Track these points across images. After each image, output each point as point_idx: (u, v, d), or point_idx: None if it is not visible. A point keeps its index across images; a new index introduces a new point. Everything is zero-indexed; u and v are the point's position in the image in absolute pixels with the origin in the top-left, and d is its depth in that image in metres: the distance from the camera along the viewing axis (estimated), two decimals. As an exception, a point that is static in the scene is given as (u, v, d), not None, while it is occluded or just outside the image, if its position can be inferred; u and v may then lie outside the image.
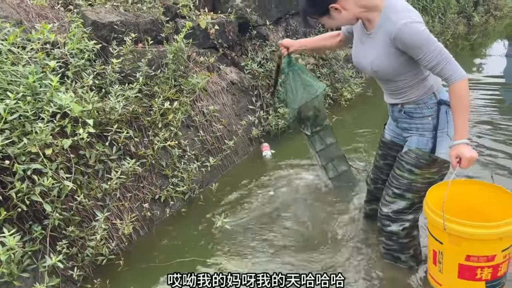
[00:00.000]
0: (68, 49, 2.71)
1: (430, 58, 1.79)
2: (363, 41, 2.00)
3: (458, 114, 1.84)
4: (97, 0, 3.42)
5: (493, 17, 10.94)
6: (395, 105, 2.14)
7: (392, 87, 2.05)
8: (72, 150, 2.44)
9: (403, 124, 2.16)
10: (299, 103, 2.86)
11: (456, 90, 1.82)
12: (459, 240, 1.86)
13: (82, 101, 2.57)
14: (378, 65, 1.93)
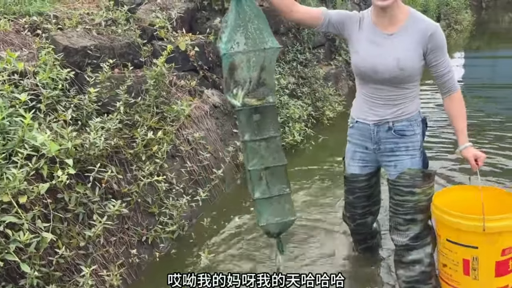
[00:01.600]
0: (40, 79, 2.42)
1: (447, 64, 1.92)
2: (378, 43, 1.92)
3: (462, 119, 1.99)
4: (67, 24, 3.14)
5: (454, 31, 11.32)
6: (382, 124, 2.01)
7: (396, 95, 1.97)
8: (48, 194, 2.14)
9: (388, 145, 2.04)
10: (236, 48, 1.87)
11: (459, 98, 1.98)
12: (496, 237, 1.87)
13: (58, 137, 2.28)
14: (406, 61, 1.88)
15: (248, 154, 1.99)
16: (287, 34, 5.38)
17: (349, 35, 2.01)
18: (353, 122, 2.14)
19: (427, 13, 9.84)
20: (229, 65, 1.89)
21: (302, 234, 2.89)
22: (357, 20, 1.99)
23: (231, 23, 1.87)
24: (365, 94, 2.04)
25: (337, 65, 6.19)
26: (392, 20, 1.90)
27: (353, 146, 2.17)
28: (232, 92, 1.91)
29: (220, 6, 4.13)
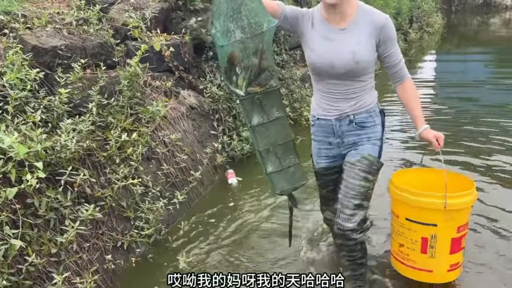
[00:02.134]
0: (7, 79, 2.31)
1: (398, 53, 1.98)
2: (331, 38, 1.93)
3: (417, 103, 2.07)
4: (36, 23, 3.03)
5: (426, 33, 11.58)
6: (343, 118, 2.04)
7: (353, 89, 2.00)
8: (17, 199, 2.05)
9: (351, 138, 2.07)
10: (233, 37, 1.77)
11: (412, 85, 2.06)
12: (454, 214, 1.94)
13: (27, 140, 2.18)
14: (361, 54, 1.90)
15: (257, 137, 1.99)
16: (264, 36, 5.36)
17: (302, 32, 2.00)
18: (314, 120, 2.14)
19: (400, 15, 10.04)
20: (228, 57, 1.81)
21: (275, 237, 2.86)
22: (309, 17, 1.98)
23: (223, 10, 1.74)
24: (323, 90, 2.04)
25: (314, 67, 6.20)
26: (342, 16, 1.92)
27: (317, 143, 2.18)
28: (235, 83, 1.86)
29: (196, 7, 4.07)
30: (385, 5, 8.73)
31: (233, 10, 1.74)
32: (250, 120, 1.96)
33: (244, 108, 1.96)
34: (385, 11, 8.70)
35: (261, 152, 2.01)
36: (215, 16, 1.77)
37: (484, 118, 5.34)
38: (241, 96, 1.88)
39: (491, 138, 4.55)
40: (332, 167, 2.17)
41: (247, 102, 1.92)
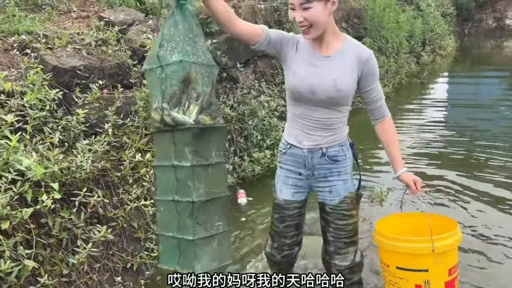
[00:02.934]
0: (28, 100, 2.37)
1: (379, 90, 2.00)
2: (315, 64, 1.91)
3: (396, 145, 2.08)
4: (57, 43, 3.11)
5: (439, 56, 11.58)
6: (316, 151, 2.00)
7: (329, 118, 1.97)
8: (32, 218, 2.07)
9: (322, 171, 2.03)
10: (192, 58, 1.62)
11: (391, 123, 2.07)
12: (442, 257, 1.92)
13: (44, 160, 2.22)
14: (343, 83, 1.89)
15: (194, 181, 1.63)
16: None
17: (285, 56, 1.96)
18: (286, 148, 2.08)
19: (412, 38, 10.08)
20: (184, 76, 1.63)
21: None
22: (294, 42, 1.95)
23: (181, 33, 1.62)
24: (300, 116, 1.99)
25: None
26: (328, 45, 1.91)
27: (285, 172, 2.11)
28: (184, 107, 1.63)
29: (211, 29, 4.14)
30: (398, 27, 8.78)
31: (190, 38, 1.65)
32: (186, 158, 1.61)
33: (181, 140, 1.63)
34: (398, 33, 8.76)
35: (195, 207, 1.63)
36: (166, 37, 1.62)
37: (497, 137, 5.35)
38: (187, 124, 1.60)
39: (505, 159, 4.53)
40: (296, 200, 2.10)
41: (188, 133, 1.61)
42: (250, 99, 4.33)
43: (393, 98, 7.69)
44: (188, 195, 1.63)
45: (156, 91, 1.64)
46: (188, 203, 1.63)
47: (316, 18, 1.78)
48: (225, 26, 1.80)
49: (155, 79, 1.64)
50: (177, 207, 1.67)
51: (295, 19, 1.80)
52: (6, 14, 3.44)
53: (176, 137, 1.64)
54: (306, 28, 1.80)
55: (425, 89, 8.82)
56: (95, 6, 4.47)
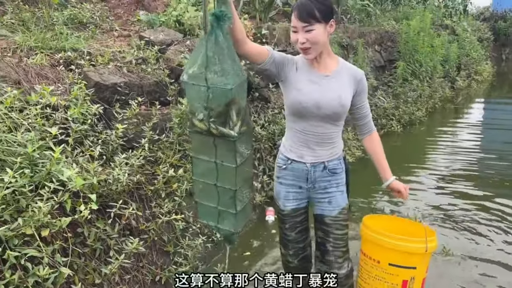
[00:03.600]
0: (71, 114, 2.49)
1: (368, 107, 2.18)
2: (317, 82, 2.03)
3: (384, 156, 2.23)
4: (100, 60, 3.27)
5: (474, 81, 11.33)
6: (318, 165, 2.12)
7: (330, 133, 2.09)
8: (69, 227, 2.16)
9: (322, 183, 2.15)
10: (234, 81, 1.67)
11: (378, 137, 2.24)
12: (428, 257, 2.16)
13: (83, 171, 2.32)
14: (345, 98, 2.03)
15: (237, 176, 1.84)
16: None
17: (286, 75, 2.05)
18: (286, 163, 2.16)
19: (447, 62, 9.93)
20: (230, 100, 1.73)
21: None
22: (293, 63, 2.07)
23: (221, 54, 1.66)
24: (302, 132, 2.08)
25: (357, 110, 6.23)
26: (325, 65, 2.06)
27: (285, 187, 2.20)
28: (230, 124, 1.77)
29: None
30: (433, 51, 8.68)
31: (229, 57, 1.69)
32: (236, 160, 1.82)
33: (234, 147, 1.79)
34: (433, 57, 8.66)
35: (237, 191, 1.87)
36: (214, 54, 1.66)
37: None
38: (234, 137, 1.76)
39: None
40: (301, 208, 2.22)
41: (235, 143, 1.79)
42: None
43: (426, 122, 7.58)
44: (230, 184, 1.86)
45: (200, 105, 1.76)
46: (229, 190, 1.87)
47: (317, 39, 1.92)
48: (238, 44, 1.83)
49: (199, 94, 1.72)
50: (218, 189, 1.90)
51: (297, 40, 1.94)
52: (55, 32, 3.65)
53: (219, 142, 1.80)
54: (308, 49, 1.94)
55: (459, 114, 8.65)
56: (135, 26, 4.68)
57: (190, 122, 1.83)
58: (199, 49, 1.69)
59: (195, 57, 1.70)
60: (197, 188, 2.01)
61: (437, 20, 11.36)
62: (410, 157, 5.74)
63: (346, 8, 8.11)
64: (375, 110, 6.70)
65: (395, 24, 8.81)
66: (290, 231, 2.26)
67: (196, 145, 1.95)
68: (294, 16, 1.93)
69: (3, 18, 3.86)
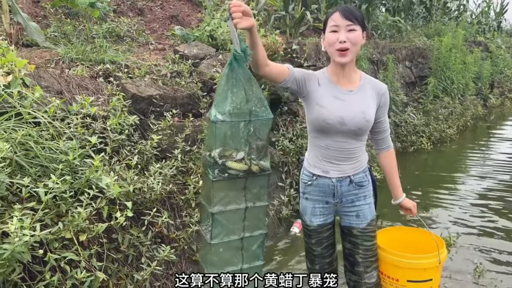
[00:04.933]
0: (110, 124, 2.60)
1: (387, 120, 2.15)
2: (341, 98, 2.01)
3: (397, 174, 2.23)
4: (136, 73, 3.39)
5: (508, 99, 11.05)
6: (344, 179, 2.09)
7: (354, 148, 2.06)
8: (104, 233, 2.24)
9: (349, 197, 2.12)
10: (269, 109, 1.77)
11: (394, 155, 2.22)
12: (440, 267, 2.19)
13: (119, 179, 2.41)
14: (370, 113, 2.02)
15: (263, 215, 1.93)
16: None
17: (308, 91, 2.02)
18: (311, 180, 2.11)
19: (480, 80, 9.74)
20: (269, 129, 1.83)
21: None
22: (315, 78, 2.04)
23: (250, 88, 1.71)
24: (326, 148, 2.05)
25: (386, 126, 6.19)
26: (349, 79, 2.03)
27: (312, 202, 2.15)
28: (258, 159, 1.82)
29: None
30: (465, 68, 8.54)
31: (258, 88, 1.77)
32: (267, 197, 1.91)
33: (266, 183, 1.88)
34: (465, 74, 8.52)
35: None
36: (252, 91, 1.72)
37: None
38: (269, 170, 1.86)
39: None
40: (328, 223, 2.19)
41: (267, 178, 1.88)
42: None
43: (458, 140, 7.43)
44: (259, 227, 1.85)
45: (239, 143, 1.74)
46: (259, 235, 1.86)
47: (357, 40, 1.93)
48: (260, 64, 1.85)
49: (238, 132, 1.72)
50: (244, 243, 1.85)
51: (337, 40, 1.91)
52: (94, 44, 3.82)
53: (250, 182, 1.78)
54: (346, 50, 1.92)
55: (492, 132, 8.44)
56: (170, 40, 4.82)
57: (218, 170, 1.71)
58: (224, 86, 1.66)
59: (223, 96, 1.66)
60: (213, 256, 1.84)
61: (470, 36, 11.18)
62: (440, 175, 5.63)
63: (376, 23, 8.11)
64: (405, 127, 6.63)
65: (427, 40, 8.72)
66: (317, 246, 2.22)
67: (222, 196, 1.78)
68: (338, 15, 1.92)
69: (47, 31, 4.08)
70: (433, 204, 4.57)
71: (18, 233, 1.69)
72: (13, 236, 1.68)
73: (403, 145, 6.40)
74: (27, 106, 2.31)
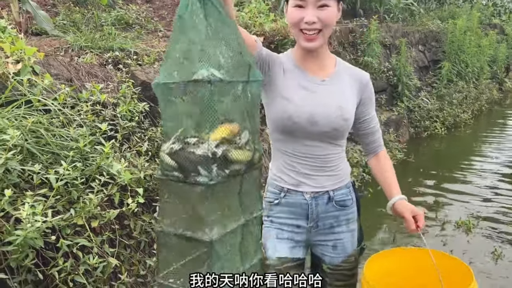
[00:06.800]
0: (120, 111, 2.59)
1: (376, 119, 1.68)
2: (311, 89, 1.52)
3: (393, 172, 1.66)
4: (146, 60, 3.37)
5: (524, 83, 10.83)
6: (320, 196, 1.57)
7: (331, 155, 1.57)
8: (116, 220, 2.24)
9: (328, 220, 1.60)
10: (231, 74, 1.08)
11: (388, 157, 1.71)
12: None
13: (130, 166, 2.41)
14: (349, 110, 1.54)
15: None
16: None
17: (271, 78, 1.54)
18: (279, 197, 1.59)
19: (495, 63, 9.53)
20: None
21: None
22: (280, 63, 1.56)
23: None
24: (293, 154, 1.56)
25: (399, 112, 6.10)
26: (321, 65, 1.56)
27: (278, 226, 1.61)
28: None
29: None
30: (480, 52, 8.36)
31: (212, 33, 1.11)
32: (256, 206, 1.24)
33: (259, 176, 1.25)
34: (480, 58, 8.34)
35: None
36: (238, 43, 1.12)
37: None
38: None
39: None
40: (295, 259, 1.60)
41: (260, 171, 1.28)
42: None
43: (472, 125, 7.31)
44: (256, 253, 1.24)
45: (239, 117, 1.11)
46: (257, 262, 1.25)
47: (331, 20, 1.45)
48: None
49: (237, 102, 1.10)
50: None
51: (302, 20, 1.42)
52: (103, 32, 3.80)
53: (246, 180, 1.14)
54: (315, 33, 1.44)
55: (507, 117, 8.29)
56: (179, 26, 4.78)
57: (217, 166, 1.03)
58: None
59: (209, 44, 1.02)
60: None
61: (485, 19, 10.93)
62: (454, 160, 5.56)
63: (389, 7, 7.95)
64: (418, 112, 6.53)
65: (440, 23, 8.54)
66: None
67: (218, 210, 1.07)
68: None
69: (56, 19, 4.07)
70: (449, 190, 4.52)
71: (30, 219, 1.70)
72: (25, 222, 1.69)
73: (417, 130, 6.32)
74: (37, 93, 2.31)
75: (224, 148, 1.05)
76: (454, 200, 4.23)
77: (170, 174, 1.08)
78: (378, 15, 6.43)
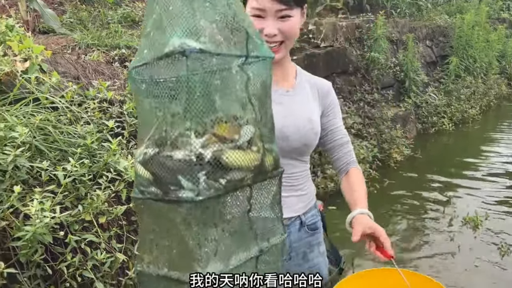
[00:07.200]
0: (126, 108, 2.61)
1: (345, 131, 1.53)
2: (277, 100, 1.32)
3: (363, 186, 1.48)
4: (152, 57, 3.39)
5: (534, 78, 10.71)
6: (292, 222, 1.44)
7: (299, 174, 1.45)
8: (123, 215, 2.27)
9: (301, 249, 1.47)
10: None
11: (361, 173, 1.53)
12: None
13: (137, 163, 2.43)
14: (317, 123, 1.43)
15: None
16: (356, 74, 5.41)
17: None
18: None
19: (504, 58, 9.43)
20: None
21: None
22: None
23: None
24: None
25: (406, 107, 6.08)
26: (284, 75, 1.44)
27: None
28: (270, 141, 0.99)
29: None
30: (488, 47, 8.28)
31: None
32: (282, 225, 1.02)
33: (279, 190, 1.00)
34: (488, 53, 8.26)
35: None
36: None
37: None
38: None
39: None
40: None
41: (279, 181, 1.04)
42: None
43: (480, 120, 7.26)
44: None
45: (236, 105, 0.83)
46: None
47: (293, 32, 1.32)
48: None
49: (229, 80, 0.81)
50: None
51: (262, 31, 1.26)
52: (110, 30, 3.83)
53: (258, 193, 0.88)
54: (276, 45, 1.31)
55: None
56: (185, 23, 4.80)
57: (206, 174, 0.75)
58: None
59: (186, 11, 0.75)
60: None
61: (494, 13, 10.81)
62: (462, 156, 5.53)
63: (395, 1, 7.90)
64: (426, 108, 6.50)
65: (448, 18, 8.47)
66: None
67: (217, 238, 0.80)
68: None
69: (63, 17, 4.10)
70: (456, 186, 4.51)
71: (39, 215, 1.73)
72: (34, 218, 1.72)
73: (424, 126, 6.29)
74: (44, 91, 2.33)
75: (215, 149, 0.75)
76: (462, 196, 4.22)
77: (146, 191, 0.79)
78: (385, 10, 6.39)
